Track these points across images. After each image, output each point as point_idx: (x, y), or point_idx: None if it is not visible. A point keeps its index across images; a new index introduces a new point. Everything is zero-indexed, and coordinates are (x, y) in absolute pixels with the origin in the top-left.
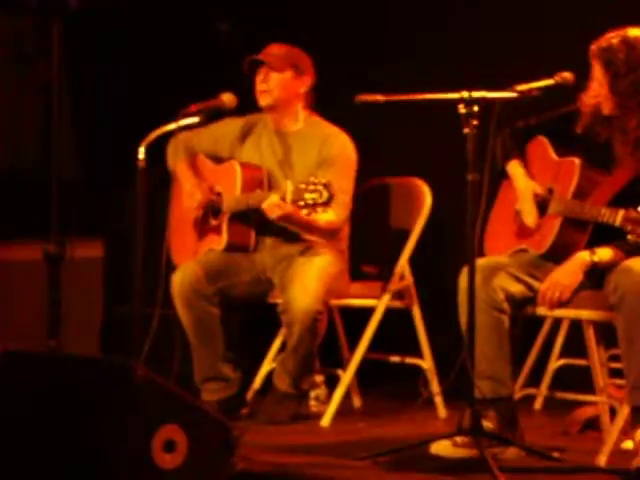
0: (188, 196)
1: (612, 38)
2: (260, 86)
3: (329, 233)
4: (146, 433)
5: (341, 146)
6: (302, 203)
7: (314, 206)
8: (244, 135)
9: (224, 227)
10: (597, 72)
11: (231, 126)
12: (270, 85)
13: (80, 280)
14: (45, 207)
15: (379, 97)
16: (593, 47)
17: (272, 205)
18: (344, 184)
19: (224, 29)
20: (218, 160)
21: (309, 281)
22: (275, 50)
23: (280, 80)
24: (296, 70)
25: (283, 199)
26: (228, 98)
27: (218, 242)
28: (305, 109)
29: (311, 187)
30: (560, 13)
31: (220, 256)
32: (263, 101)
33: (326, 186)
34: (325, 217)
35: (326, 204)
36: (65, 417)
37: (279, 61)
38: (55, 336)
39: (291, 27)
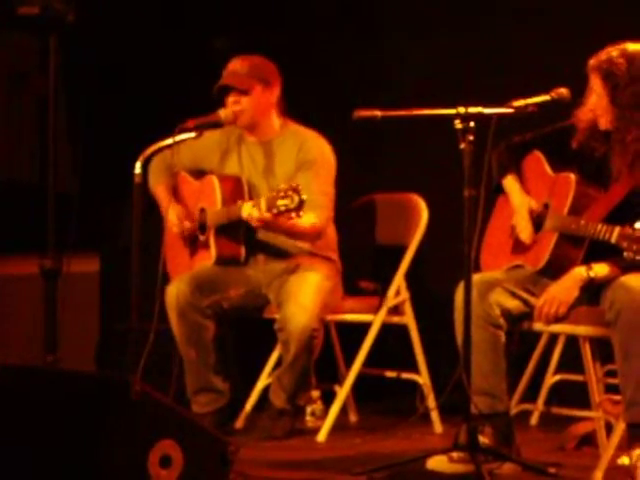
0: (170, 227)
1: (611, 52)
2: (234, 107)
3: (313, 236)
4: (143, 448)
5: (318, 149)
6: (275, 211)
7: (288, 212)
8: (223, 148)
9: (212, 241)
10: (596, 85)
11: (210, 140)
12: (243, 106)
13: (77, 295)
14: (42, 222)
15: (377, 113)
16: (592, 61)
17: (250, 216)
18: (323, 186)
19: (220, 44)
20: (200, 175)
21: (304, 298)
22: (238, 67)
23: (251, 99)
24: (264, 83)
25: (258, 209)
26: (225, 113)
27: (208, 257)
28: (279, 116)
29: (281, 194)
30: (557, 30)
31: (213, 269)
32: (240, 122)
33: (295, 190)
34: (307, 220)
35: (298, 209)
36: (62, 433)
37: (246, 81)
38: (52, 351)
39: (286, 43)
